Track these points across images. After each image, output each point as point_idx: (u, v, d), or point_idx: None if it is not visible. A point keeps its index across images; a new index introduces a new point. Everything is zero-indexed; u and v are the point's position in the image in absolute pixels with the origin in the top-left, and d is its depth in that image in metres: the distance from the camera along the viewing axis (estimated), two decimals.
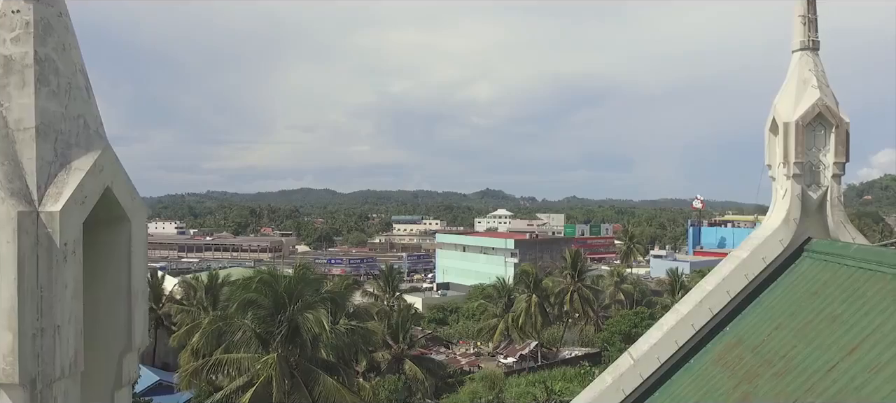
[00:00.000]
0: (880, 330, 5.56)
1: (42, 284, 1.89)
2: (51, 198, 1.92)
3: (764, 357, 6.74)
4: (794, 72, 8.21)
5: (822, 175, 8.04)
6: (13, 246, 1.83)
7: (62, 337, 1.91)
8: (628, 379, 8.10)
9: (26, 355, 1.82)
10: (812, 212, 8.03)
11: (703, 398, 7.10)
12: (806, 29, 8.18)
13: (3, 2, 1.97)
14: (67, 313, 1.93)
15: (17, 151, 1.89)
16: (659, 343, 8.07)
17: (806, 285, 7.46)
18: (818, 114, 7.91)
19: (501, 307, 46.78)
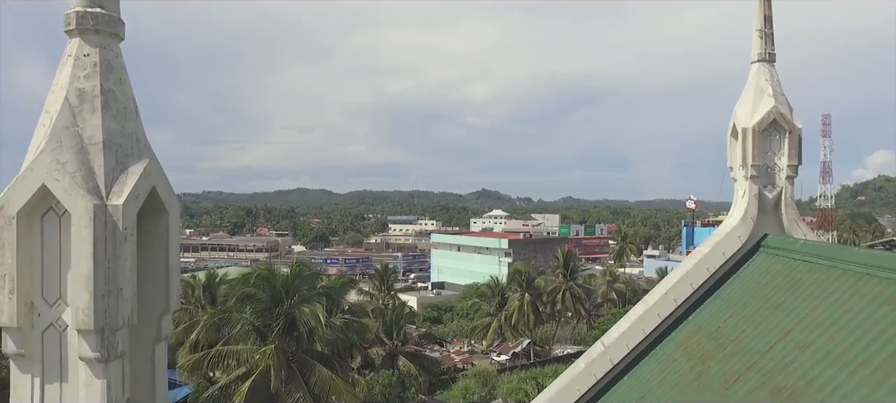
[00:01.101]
0: (812, 314, 6.26)
1: (109, 258, 2.55)
2: (115, 195, 2.59)
3: (718, 342, 7.44)
4: (751, 82, 8.92)
5: (777, 176, 8.74)
6: (90, 230, 2.51)
7: (122, 298, 2.58)
8: (599, 365, 8.77)
9: (98, 310, 2.50)
10: (768, 211, 8.72)
11: (664, 379, 7.79)
12: (763, 42, 8.89)
13: (77, 47, 2.64)
14: (126, 280, 2.60)
15: (90, 160, 2.56)
16: (628, 331, 8.75)
17: (759, 277, 8.16)
18: (773, 121, 8.62)
19: (495, 305, 47.49)
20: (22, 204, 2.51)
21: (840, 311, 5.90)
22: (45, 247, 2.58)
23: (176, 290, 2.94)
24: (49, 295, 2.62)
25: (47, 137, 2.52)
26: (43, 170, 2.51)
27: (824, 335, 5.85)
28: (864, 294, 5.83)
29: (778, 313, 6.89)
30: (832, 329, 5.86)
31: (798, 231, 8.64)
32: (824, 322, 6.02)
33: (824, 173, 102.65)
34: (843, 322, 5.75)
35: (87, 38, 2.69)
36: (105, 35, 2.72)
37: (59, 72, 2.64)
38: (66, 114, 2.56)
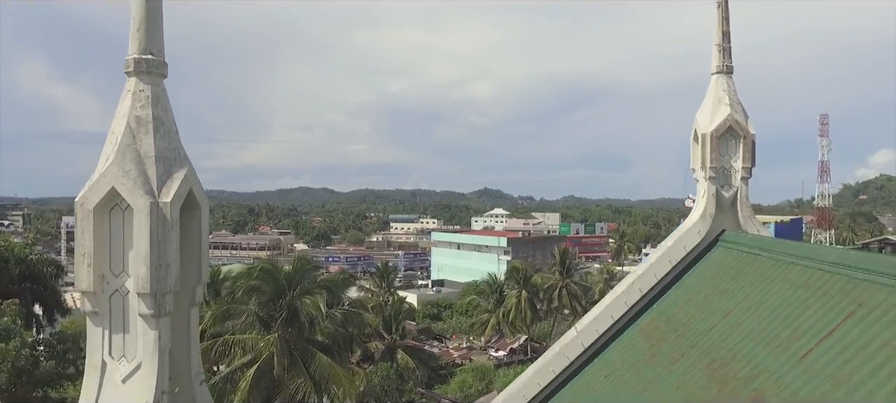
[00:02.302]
0: (747, 298, 7.17)
1: (159, 241, 3.46)
2: (164, 195, 3.50)
3: (672, 326, 8.34)
4: (711, 92, 9.80)
5: (733, 177, 9.63)
6: (147, 221, 3.42)
7: (169, 271, 3.50)
8: (572, 348, 9.67)
9: (152, 279, 3.41)
10: (726, 209, 9.60)
11: (625, 360, 8.70)
12: (721, 56, 9.76)
13: (134, 84, 3.55)
14: (172, 258, 3.51)
15: (146, 169, 3.47)
16: (598, 317, 9.65)
17: (714, 268, 9.06)
18: (729, 127, 9.50)
19: (493, 302, 48.43)
20: (97, 201, 3.43)
21: (766, 295, 6.82)
22: (112, 233, 3.49)
23: (206, 267, 3.87)
24: (115, 269, 3.54)
25: (115, 152, 3.43)
26: (112, 176, 3.42)
27: (753, 315, 6.76)
28: (788, 279, 6.74)
29: (722, 298, 7.81)
30: (759, 310, 6.77)
31: (752, 227, 9.54)
32: (754, 304, 6.93)
33: (822, 172, 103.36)
34: (767, 303, 6.65)
35: (141, 77, 3.59)
36: (154, 75, 3.64)
37: (121, 103, 3.56)
38: (127, 135, 3.47)
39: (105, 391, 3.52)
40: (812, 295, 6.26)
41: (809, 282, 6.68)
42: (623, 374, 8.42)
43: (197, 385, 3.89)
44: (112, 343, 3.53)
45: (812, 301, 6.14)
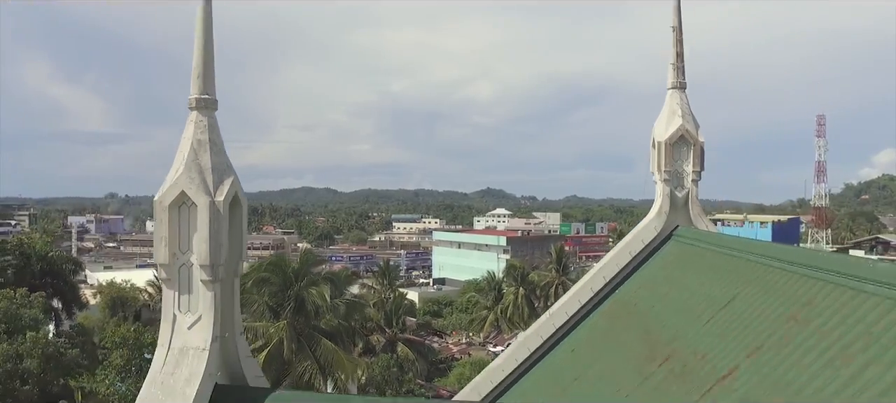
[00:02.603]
0: (687, 282, 8.55)
1: (215, 229, 4.87)
2: (218, 195, 4.91)
3: (626, 307, 9.75)
4: (666, 105, 11.18)
5: (685, 180, 11.01)
6: (206, 214, 4.82)
7: (221, 249, 4.90)
8: (545, 329, 11.07)
9: (211, 255, 4.81)
10: (679, 207, 10.98)
11: (588, 337, 10.12)
12: (675, 73, 11.16)
13: (195, 116, 4.98)
14: (223, 240, 4.91)
15: (205, 178, 4.88)
16: (567, 302, 11.06)
17: (667, 259, 10.46)
18: (681, 136, 10.91)
19: (491, 299, 49.85)
20: (171, 200, 4.82)
21: (696, 280, 8.24)
22: (180, 223, 4.88)
23: (245, 247, 5.28)
24: (183, 248, 4.93)
25: (183, 165, 4.84)
26: (182, 182, 4.82)
27: (684, 295, 8.18)
28: (714, 266, 8.16)
29: (667, 283, 9.22)
30: (689, 291, 8.17)
31: (701, 224, 10.92)
32: (688, 287, 8.34)
33: (819, 172, 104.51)
34: (695, 286, 8.06)
35: (200, 111, 5.00)
36: (209, 109, 5.04)
37: (186, 129, 4.98)
38: (191, 153, 4.87)
39: (176, 336, 4.93)
40: (729, 277, 7.68)
41: (734, 268, 8.09)
42: (584, 349, 9.84)
43: (238, 335, 5.30)
44: (180, 302, 4.94)
45: (727, 281, 7.56)
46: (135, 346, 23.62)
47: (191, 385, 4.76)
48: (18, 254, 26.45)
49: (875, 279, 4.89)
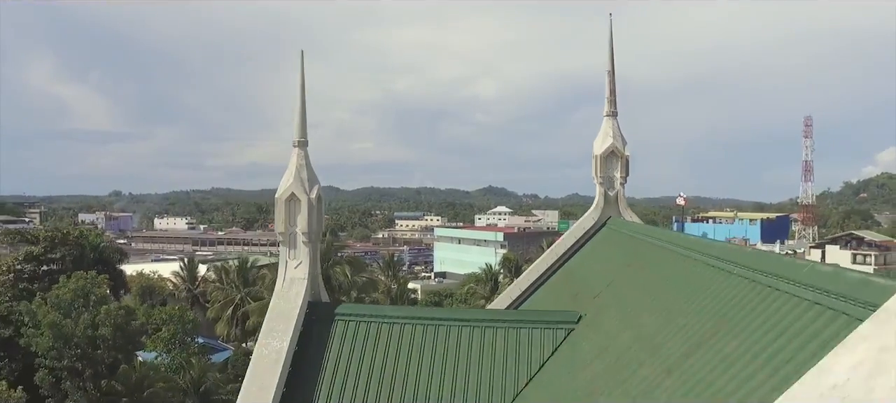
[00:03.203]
0: (605, 256, 12.63)
1: (310, 213, 8.83)
2: (311, 194, 8.88)
3: (568, 275, 13.80)
4: (602, 128, 15.24)
5: (615, 183, 15.05)
6: (306, 205, 8.80)
7: (312, 225, 8.86)
8: (514, 292, 15.16)
9: (309, 226, 8.78)
10: (611, 204, 15.03)
11: (543, 295, 14.19)
12: (609, 105, 15.22)
13: (296, 151, 8.96)
14: (316, 222, 8.89)
15: (304, 185, 8.87)
16: (531, 271, 15.14)
17: (599, 241, 14.53)
18: (612, 151, 14.97)
19: (488, 290, 53.90)
20: (286, 197, 8.78)
21: (613, 254, 12.30)
22: (290, 209, 8.83)
23: (322, 224, 9.32)
24: (290, 224, 8.91)
25: (293, 177, 8.78)
26: (292, 187, 8.76)
27: (601, 265, 12.25)
28: (628, 247, 12.19)
29: (592, 257, 13.29)
30: (605, 261, 12.22)
31: (627, 216, 14.96)
32: (605, 258, 12.40)
33: (806, 171, 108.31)
34: (611, 257, 12.13)
35: (300, 147, 8.96)
36: (303, 146, 9.00)
37: (291, 160, 8.95)
38: (296, 170, 8.82)
39: (288, 272, 8.91)
40: (630, 254, 11.71)
41: (634, 249, 12.16)
42: (539, 303, 13.92)
43: (318, 274, 9.28)
44: (289, 253, 8.89)
45: (629, 256, 11.59)
46: (180, 322, 27.74)
47: (296, 298, 8.74)
48: (76, 245, 30.57)
49: (740, 263, 8.63)
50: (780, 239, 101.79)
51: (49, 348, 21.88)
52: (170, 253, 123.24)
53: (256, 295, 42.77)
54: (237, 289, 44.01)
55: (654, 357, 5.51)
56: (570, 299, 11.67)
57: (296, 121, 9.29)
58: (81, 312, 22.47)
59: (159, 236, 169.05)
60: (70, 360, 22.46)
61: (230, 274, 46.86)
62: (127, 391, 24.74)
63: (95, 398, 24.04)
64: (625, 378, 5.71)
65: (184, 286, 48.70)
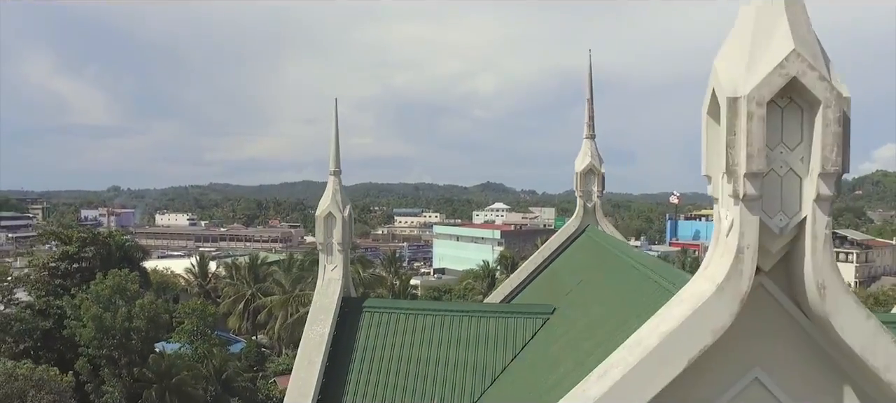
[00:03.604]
0: (580, 258, 15.16)
1: (344, 227, 11.31)
2: (344, 213, 11.37)
3: (552, 273, 16.35)
4: (584, 149, 17.78)
5: (593, 196, 17.59)
6: (340, 222, 11.30)
7: (345, 236, 11.39)
8: (510, 285, 17.70)
9: (343, 237, 11.30)
10: (590, 213, 17.56)
11: (532, 293, 16.72)
12: (588, 128, 17.77)
13: (332, 179, 11.40)
14: (347, 235, 11.41)
15: (338, 205, 11.33)
16: (522, 269, 17.69)
17: (577, 247, 17.05)
18: (590, 169, 17.51)
19: (486, 286, 56.48)
20: (325, 215, 11.31)
21: (585, 261, 14.82)
22: (327, 224, 11.39)
23: (351, 235, 11.69)
24: (328, 236, 11.46)
25: (330, 200, 11.24)
26: (329, 207, 11.21)
27: (575, 261, 14.78)
28: (595, 254, 14.72)
29: (570, 259, 15.84)
30: (575, 260, 14.75)
31: (603, 226, 17.48)
32: (578, 261, 14.92)
33: None
34: (582, 260, 14.64)
35: (335, 176, 11.35)
36: (338, 175, 11.41)
37: (329, 183, 11.34)
38: (332, 193, 11.24)
39: (325, 273, 11.44)
40: (598, 260, 14.24)
41: (601, 256, 14.70)
42: (527, 298, 16.46)
43: (348, 275, 11.81)
44: (327, 259, 11.44)
45: (596, 262, 14.11)
46: (201, 316, 30.30)
47: (333, 295, 11.19)
48: (103, 244, 33.04)
49: (663, 274, 11.48)
50: None
51: (91, 338, 24.40)
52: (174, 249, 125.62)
53: (267, 291, 45.39)
54: (248, 285, 46.58)
55: (595, 335, 8.03)
56: (549, 294, 14.18)
57: (331, 154, 11.77)
58: (119, 306, 24.99)
59: (162, 232, 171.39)
60: (108, 349, 24.98)
61: (241, 270, 49.42)
62: (157, 378, 27.29)
63: (129, 383, 26.60)
64: (577, 349, 8.23)
65: (196, 282, 51.21)
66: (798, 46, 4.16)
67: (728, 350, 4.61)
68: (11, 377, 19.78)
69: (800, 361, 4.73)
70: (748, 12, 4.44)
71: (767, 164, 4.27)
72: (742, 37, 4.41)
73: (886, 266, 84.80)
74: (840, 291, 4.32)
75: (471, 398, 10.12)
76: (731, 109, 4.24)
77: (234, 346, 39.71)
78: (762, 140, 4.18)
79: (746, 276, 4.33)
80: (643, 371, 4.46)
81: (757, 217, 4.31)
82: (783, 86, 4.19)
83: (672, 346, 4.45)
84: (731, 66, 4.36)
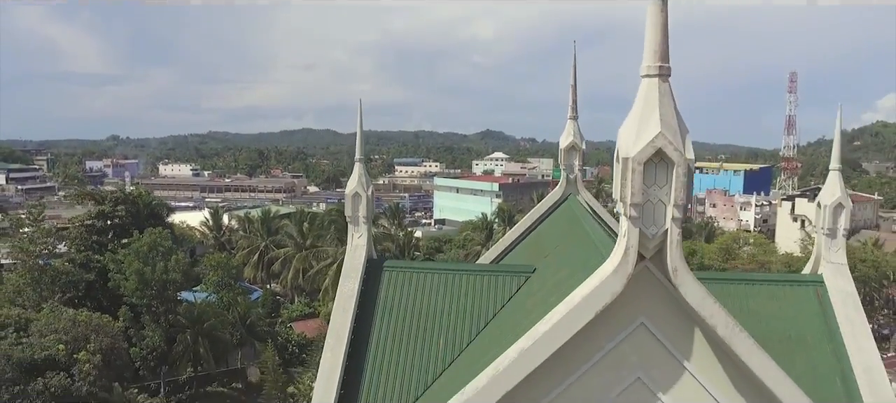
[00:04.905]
0: (559, 223, 18.10)
1: (367, 203, 14.20)
2: (369, 192, 14.27)
3: (537, 236, 19.33)
4: (567, 128, 20.54)
5: (575, 168, 20.41)
6: (364, 200, 14.15)
7: (369, 210, 14.27)
8: (504, 243, 20.70)
9: (366, 212, 14.20)
10: (571, 184, 20.45)
11: (519, 254, 19.74)
12: (571, 110, 20.51)
13: (358, 166, 14.20)
14: (371, 209, 14.30)
15: (363, 185, 14.16)
16: (514, 231, 20.72)
17: (558, 214, 20.02)
18: (573, 146, 20.27)
19: (484, 237, 59.83)
20: (351, 194, 14.15)
21: (563, 228, 17.77)
22: (354, 203, 14.26)
23: (372, 210, 14.53)
24: (355, 210, 14.34)
25: (356, 182, 14.02)
26: (356, 187, 14.06)
27: (554, 232, 17.74)
28: (571, 222, 17.64)
29: (553, 226, 18.80)
30: (557, 231, 17.69)
31: (584, 195, 20.39)
32: (558, 228, 17.87)
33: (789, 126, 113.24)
34: (560, 227, 17.58)
35: (360, 163, 14.24)
36: (362, 162, 14.23)
37: (354, 170, 14.13)
38: (358, 178, 14.13)
39: (352, 241, 14.35)
40: (571, 227, 17.18)
41: (574, 224, 17.61)
42: (514, 258, 19.52)
43: (372, 240, 14.74)
44: (355, 229, 14.31)
45: (570, 228, 17.05)
46: (226, 268, 33.56)
47: (359, 258, 14.12)
48: (132, 203, 35.98)
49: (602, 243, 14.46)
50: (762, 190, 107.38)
51: (134, 289, 27.65)
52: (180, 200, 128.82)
53: (279, 243, 48.68)
54: (261, 238, 49.83)
55: (559, 291, 11.04)
56: (533, 255, 17.16)
57: (357, 144, 14.59)
58: (156, 261, 28.17)
59: (167, 183, 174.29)
60: (148, 299, 28.27)
61: (254, 223, 52.59)
62: (189, 323, 30.71)
63: (166, 328, 30.02)
64: (545, 304, 11.25)
65: (211, 234, 54.47)
66: (663, 129, 6.95)
67: (623, 306, 7.60)
68: (75, 322, 23.04)
69: (669, 313, 7.73)
70: (640, 92, 7.14)
71: (644, 197, 7.14)
72: (634, 117, 7.17)
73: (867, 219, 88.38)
74: (685, 272, 7.29)
75: (469, 339, 13.21)
76: (624, 165, 7.02)
77: (252, 295, 43.19)
78: (640, 184, 7.05)
79: (631, 263, 7.28)
80: (571, 318, 7.47)
81: (638, 228, 7.23)
82: (653, 153, 7.06)
83: (588, 303, 7.45)
84: (626, 136, 7.10)
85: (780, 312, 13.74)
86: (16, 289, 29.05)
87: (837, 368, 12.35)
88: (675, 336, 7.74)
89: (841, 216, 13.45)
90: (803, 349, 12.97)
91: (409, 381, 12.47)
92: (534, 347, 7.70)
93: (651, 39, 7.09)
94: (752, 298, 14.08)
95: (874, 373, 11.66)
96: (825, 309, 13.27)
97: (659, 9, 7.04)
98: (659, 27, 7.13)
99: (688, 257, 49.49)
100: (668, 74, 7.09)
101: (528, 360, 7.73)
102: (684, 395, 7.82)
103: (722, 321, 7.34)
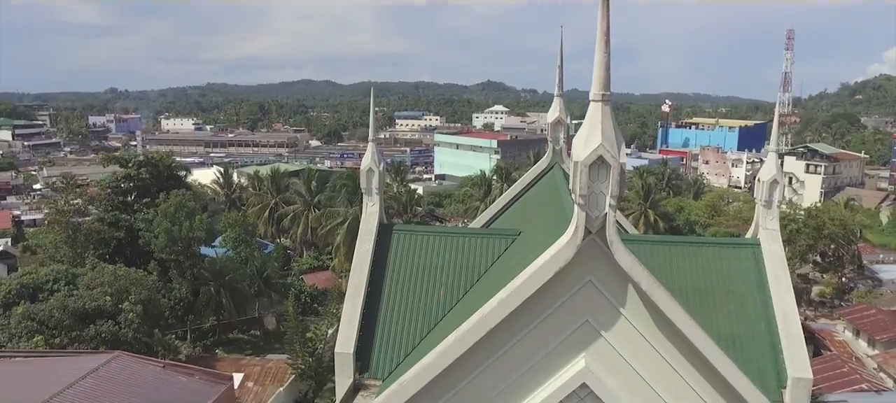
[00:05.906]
0: (543, 190, 20.72)
1: (378, 179, 16.85)
2: (380, 168, 16.85)
3: (524, 202, 22.01)
4: (554, 105, 23.00)
5: (560, 141, 22.97)
6: (377, 177, 16.72)
7: (381, 184, 16.94)
8: (491, 212, 23.47)
9: (378, 185, 16.85)
10: (556, 155, 23.00)
11: (507, 219, 22.42)
12: (557, 87, 22.93)
13: (370, 146, 16.75)
14: (382, 182, 16.95)
15: (376, 162, 16.73)
16: (502, 197, 23.41)
17: (543, 182, 22.62)
18: (559, 121, 22.79)
19: (482, 193, 62.56)
20: (366, 170, 16.73)
21: (546, 195, 20.40)
22: (368, 178, 16.85)
23: (383, 185, 17.07)
24: (368, 183, 16.94)
25: (370, 160, 16.53)
26: (370, 163, 16.64)
27: (539, 199, 20.41)
28: (553, 190, 20.26)
29: (538, 193, 21.45)
30: (541, 198, 20.35)
31: (565, 165, 22.99)
32: (542, 195, 20.56)
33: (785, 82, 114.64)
34: (544, 195, 20.21)
35: (373, 143, 16.75)
36: (376, 143, 16.75)
37: (368, 150, 16.70)
38: (371, 156, 16.67)
39: (366, 209, 16.96)
40: (551, 195, 19.83)
41: (554, 193, 20.24)
42: (503, 223, 22.25)
43: (383, 207, 17.35)
44: (369, 198, 16.84)
45: (551, 196, 19.71)
46: (243, 225, 36.43)
47: (373, 223, 16.67)
48: (153, 166, 38.59)
49: None
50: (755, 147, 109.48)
51: (163, 246, 30.55)
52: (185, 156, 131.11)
53: (288, 200, 51.49)
54: (271, 195, 52.57)
55: (535, 252, 13.79)
56: (520, 220, 19.86)
57: (371, 126, 17.13)
58: (182, 221, 31.01)
59: (171, 139, 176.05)
60: (175, 255, 31.20)
61: (263, 181, 55.23)
62: (212, 276, 33.72)
63: (191, 281, 33.04)
64: (524, 262, 14.03)
65: (223, 192, 57.23)
66: (603, 141, 9.63)
67: (575, 268, 10.37)
68: (116, 276, 25.95)
69: (612, 275, 10.49)
70: (588, 112, 9.88)
71: (589, 190, 9.84)
72: (583, 131, 9.87)
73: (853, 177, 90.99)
74: (619, 244, 10.04)
75: (464, 290, 16.02)
76: (575, 167, 9.79)
77: (265, 249, 46.21)
78: (587, 181, 9.74)
79: (579, 237, 10.03)
80: (536, 276, 10.27)
81: (584, 212, 9.95)
82: (595, 158, 9.72)
83: (549, 265, 10.23)
84: (577, 145, 9.88)
85: (723, 268, 16.53)
86: (54, 246, 31.91)
87: (763, 313, 15.21)
88: (614, 290, 10.54)
89: (775, 190, 16.08)
90: (739, 298, 15.83)
91: (415, 325, 15.28)
92: (510, 297, 10.52)
93: (597, 74, 9.70)
94: (701, 257, 16.81)
95: (789, 318, 14.51)
96: (759, 267, 16.04)
97: (602, 51, 9.63)
98: (603, 65, 9.72)
99: (675, 213, 52.38)
100: (609, 100, 9.69)
101: (505, 307, 10.57)
102: (620, 333, 10.67)
103: (645, 279, 10.14)
